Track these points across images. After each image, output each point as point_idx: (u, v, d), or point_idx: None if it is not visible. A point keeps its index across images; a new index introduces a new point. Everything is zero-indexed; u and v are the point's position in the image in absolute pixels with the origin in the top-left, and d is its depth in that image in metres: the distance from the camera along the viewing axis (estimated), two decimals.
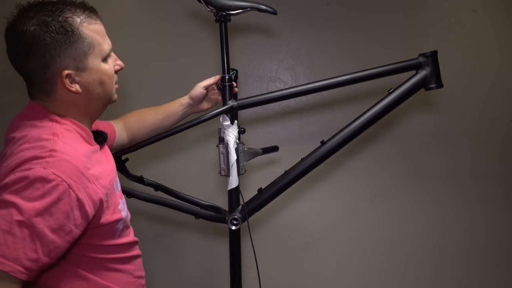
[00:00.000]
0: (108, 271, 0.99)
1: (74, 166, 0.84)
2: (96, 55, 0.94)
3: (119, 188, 1.05)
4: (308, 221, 2.04)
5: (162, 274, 2.12)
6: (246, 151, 1.42)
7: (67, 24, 0.89)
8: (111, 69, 1.00)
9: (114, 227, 0.97)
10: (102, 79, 0.96)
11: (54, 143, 0.85)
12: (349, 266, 2.06)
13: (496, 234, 2.00)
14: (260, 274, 1.43)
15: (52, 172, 0.80)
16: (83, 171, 0.86)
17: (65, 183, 0.81)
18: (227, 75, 1.39)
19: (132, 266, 1.07)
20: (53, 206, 0.80)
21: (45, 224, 0.80)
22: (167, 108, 1.40)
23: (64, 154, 0.84)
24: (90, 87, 0.95)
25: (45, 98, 0.93)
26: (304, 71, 1.97)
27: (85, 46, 0.91)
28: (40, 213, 0.79)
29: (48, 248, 0.81)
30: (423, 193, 2.00)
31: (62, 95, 0.93)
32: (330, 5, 1.93)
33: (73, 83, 0.92)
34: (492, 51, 1.92)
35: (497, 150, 1.96)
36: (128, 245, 1.05)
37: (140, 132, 1.38)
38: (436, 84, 1.32)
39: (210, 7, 1.33)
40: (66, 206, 0.82)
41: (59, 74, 0.90)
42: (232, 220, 1.39)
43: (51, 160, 0.82)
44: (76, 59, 0.90)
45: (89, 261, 0.95)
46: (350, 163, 2.00)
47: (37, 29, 0.86)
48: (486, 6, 1.90)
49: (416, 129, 1.97)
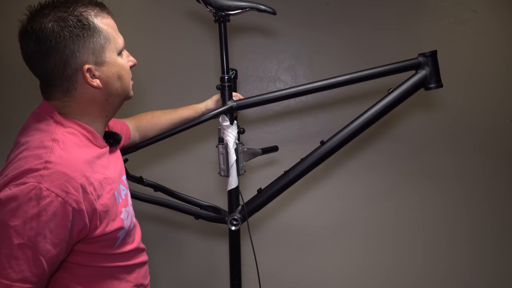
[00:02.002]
0: (106, 280, 0.97)
1: (70, 178, 0.83)
2: (112, 49, 0.94)
3: (123, 196, 1.02)
4: (308, 221, 2.04)
5: (162, 274, 2.12)
6: (245, 152, 1.42)
7: (83, 18, 0.89)
8: (127, 64, 1.00)
9: (114, 236, 0.95)
10: (120, 73, 0.97)
11: (51, 152, 0.84)
12: (349, 266, 2.06)
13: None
14: (260, 274, 1.43)
15: (46, 187, 0.79)
16: (81, 182, 0.84)
17: (60, 198, 0.80)
18: (227, 75, 1.39)
19: (134, 274, 1.04)
20: (51, 222, 0.80)
21: (46, 241, 0.80)
22: (182, 113, 1.41)
23: (59, 165, 0.83)
24: (110, 81, 0.95)
25: (64, 97, 0.93)
26: (304, 71, 1.97)
27: (102, 39, 0.92)
28: (40, 232, 0.79)
29: (53, 261, 0.83)
30: (423, 192, 2.00)
31: (82, 93, 0.93)
32: (330, 5, 1.93)
33: (94, 78, 0.92)
34: (492, 51, 1.92)
35: (497, 150, 1.96)
36: (130, 253, 1.03)
37: (152, 133, 1.38)
38: (435, 84, 1.32)
39: (209, 7, 1.33)
40: (64, 219, 0.82)
41: (79, 70, 0.90)
42: (232, 221, 1.39)
43: (45, 173, 0.81)
44: (95, 53, 0.91)
45: (86, 270, 0.94)
46: (350, 163, 2.00)
47: (54, 25, 0.87)
48: (486, 6, 1.90)
49: (416, 129, 1.97)
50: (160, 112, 1.42)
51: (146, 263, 1.12)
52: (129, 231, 1.02)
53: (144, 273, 1.10)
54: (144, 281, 1.09)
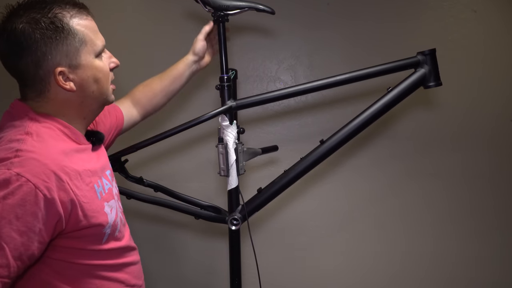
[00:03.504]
0: (94, 279, 0.95)
1: (42, 165, 0.81)
2: (89, 51, 0.93)
3: (106, 191, 0.99)
4: (308, 221, 2.04)
5: (162, 275, 2.12)
6: (245, 151, 1.42)
7: (57, 20, 0.88)
8: (106, 66, 0.98)
9: (99, 231, 0.93)
10: (96, 76, 0.95)
11: (23, 142, 0.83)
12: (349, 266, 2.05)
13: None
14: (260, 274, 1.43)
15: (16, 172, 0.78)
16: (54, 169, 0.82)
17: (30, 183, 0.78)
18: (226, 75, 1.39)
19: (125, 274, 1.01)
20: (19, 208, 0.77)
21: (12, 227, 0.77)
22: (172, 72, 1.37)
23: (31, 153, 0.81)
24: (85, 84, 0.93)
25: (38, 98, 0.92)
26: (304, 71, 1.97)
27: (77, 42, 0.90)
28: (4, 216, 0.77)
29: (19, 251, 0.79)
30: (423, 192, 1.99)
31: (56, 94, 0.91)
32: (330, 5, 1.93)
33: (67, 80, 0.90)
34: (492, 51, 1.91)
35: (497, 150, 1.96)
36: (119, 250, 1.01)
37: (150, 103, 1.36)
38: (434, 82, 1.32)
39: (208, 7, 1.33)
40: (34, 206, 0.79)
41: (51, 72, 0.88)
42: (232, 220, 1.39)
43: (16, 160, 0.79)
44: (69, 56, 0.89)
45: (73, 268, 0.91)
46: (350, 162, 2.00)
47: (26, 26, 0.86)
48: (486, 6, 1.90)
49: (415, 128, 1.97)
50: (150, 80, 1.38)
51: (138, 262, 1.10)
52: (116, 227, 0.99)
53: (137, 273, 1.08)
54: (137, 281, 1.06)
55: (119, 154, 1.40)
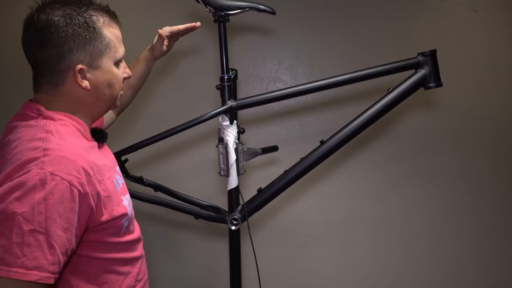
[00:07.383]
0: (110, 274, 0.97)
1: (71, 162, 0.83)
2: (111, 57, 0.96)
3: (121, 185, 1.04)
4: (308, 221, 2.04)
5: (162, 274, 2.12)
6: (245, 151, 1.42)
7: (91, 21, 0.92)
8: (121, 74, 1.02)
9: (119, 222, 0.97)
10: (111, 81, 0.98)
11: (48, 141, 0.85)
12: (349, 266, 2.05)
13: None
14: (260, 274, 1.43)
15: (49, 172, 0.80)
16: (83, 165, 0.85)
17: (65, 181, 0.81)
18: (226, 75, 1.39)
19: (136, 269, 1.05)
20: (59, 205, 0.80)
21: (57, 226, 0.80)
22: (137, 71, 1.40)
23: (58, 151, 0.83)
24: (99, 86, 0.96)
25: (51, 91, 0.93)
26: (304, 71, 1.97)
27: (103, 46, 0.94)
28: (49, 216, 0.79)
29: (65, 247, 0.82)
30: (423, 192, 2.00)
31: (69, 90, 0.93)
32: (331, 5, 1.93)
33: (84, 79, 0.93)
34: (492, 51, 1.92)
35: (497, 151, 1.96)
36: (132, 243, 1.04)
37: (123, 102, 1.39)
38: (435, 83, 1.32)
39: (209, 7, 1.33)
40: (72, 203, 0.82)
41: (72, 67, 0.91)
42: (232, 220, 1.39)
43: (46, 159, 0.81)
44: (92, 56, 0.92)
45: (92, 263, 0.93)
46: (350, 162, 2.00)
47: (61, 19, 0.89)
48: (486, 6, 1.90)
49: (416, 128, 1.97)
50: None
51: (144, 257, 1.13)
52: (132, 219, 1.04)
53: (145, 267, 1.12)
54: (144, 275, 1.10)
55: (119, 153, 1.40)
